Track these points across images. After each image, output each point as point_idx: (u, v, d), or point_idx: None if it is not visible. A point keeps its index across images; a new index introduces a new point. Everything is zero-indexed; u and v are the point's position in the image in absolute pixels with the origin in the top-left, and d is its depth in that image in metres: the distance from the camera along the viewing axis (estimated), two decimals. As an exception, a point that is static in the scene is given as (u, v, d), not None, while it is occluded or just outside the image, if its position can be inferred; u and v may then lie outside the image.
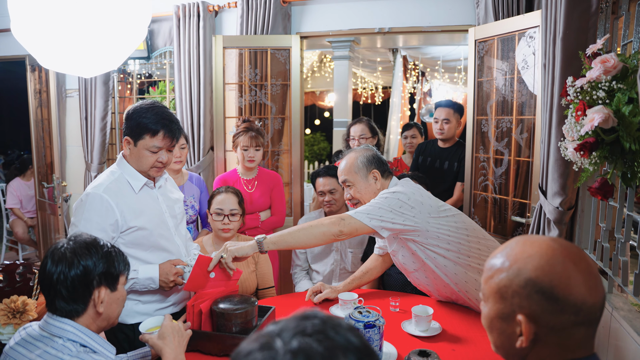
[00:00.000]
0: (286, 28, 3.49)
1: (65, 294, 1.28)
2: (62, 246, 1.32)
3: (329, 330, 0.59)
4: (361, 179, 2.06)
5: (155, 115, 1.77)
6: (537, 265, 0.86)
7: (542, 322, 0.85)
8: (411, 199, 1.92)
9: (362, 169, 2.06)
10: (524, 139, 2.86)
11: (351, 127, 3.26)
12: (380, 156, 2.13)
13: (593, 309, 0.85)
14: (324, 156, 10.99)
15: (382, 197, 1.95)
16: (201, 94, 3.56)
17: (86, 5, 2.05)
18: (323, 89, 9.78)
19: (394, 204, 1.90)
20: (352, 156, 2.10)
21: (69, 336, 1.27)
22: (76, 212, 1.77)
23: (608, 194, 1.59)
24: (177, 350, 1.45)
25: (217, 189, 2.46)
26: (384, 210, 1.88)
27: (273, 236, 1.89)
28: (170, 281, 1.86)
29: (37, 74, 4.16)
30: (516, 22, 2.79)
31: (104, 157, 4.00)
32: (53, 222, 4.03)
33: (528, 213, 2.80)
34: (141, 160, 1.82)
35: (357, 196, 2.08)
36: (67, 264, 1.28)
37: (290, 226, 3.46)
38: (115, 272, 1.35)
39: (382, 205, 1.90)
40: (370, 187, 2.06)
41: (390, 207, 1.89)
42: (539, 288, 0.85)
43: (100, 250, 1.33)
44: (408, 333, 1.84)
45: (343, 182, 2.11)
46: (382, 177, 2.08)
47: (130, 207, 1.80)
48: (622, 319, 1.84)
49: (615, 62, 1.55)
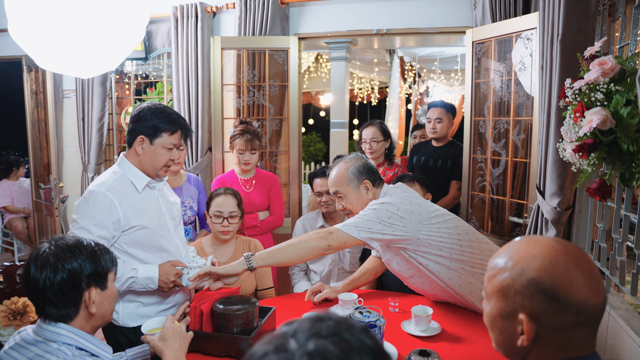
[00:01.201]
0: (284, 29, 3.50)
1: (54, 299, 1.24)
2: (44, 251, 1.27)
3: (344, 332, 0.60)
4: (353, 190, 2.05)
5: (170, 114, 1.87)
6: (540, 265, 0.87)
7: (543, 322, 0.86)
8: (400, 209, 1.91)
9: (353, 180, 2.04)
10: (521, 140, 2.88)
11: (363, 130, 3.27)
12: (371, 165, 2.11)
13: (594, 309, 0.86)
14: (320, 157, 11.00)
15: (371, 208, 1.93)
16: (199, 94, 3.56)
17: (84, 5, 2.05)
18: (319, 90, 9.78)
19: (383, 215, 1.88)
20: (342, 167, 2.08)
21: (64, 340, 1.25)
22: (78, 209, 1.77)
23: (606, 195, 1.61)
24: (179, 352, 1.45)
25: (216, 191, 2.45)
26: (373, 222, 1.87)
27: (262, 253, 1.88)
28: (171, 282, 1.86)
29: (33, 74, 4.14)
30: (513, 23, 2.81)
31: (101, 158, 3.99)
32: (50, 223, 4.01)
33: (525, 213, 2.82)
34: (156, 158, 1.86)
35: (349, 207, 2.06)
36: (52, 269, 1.23)
37: (289, 226, 3.50)
38: (103, 271, 1.32)
39: (370, 217, 1.89)
40: (361, 197, 2.05)
41: (379, 218, 1.88)
42: (541, 288, 0.86)
43: (84, 251, 1.29)
44: (408, 333, 1.85)
45: (334, 194, 2.09)
46: (374, 186, 2.06)
47: (132, 206, 1.82)
48: (620, 318, 1.86)
49: (613, 64, 1.57)
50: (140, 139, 1.85)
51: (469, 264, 1.95)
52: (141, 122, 1.84)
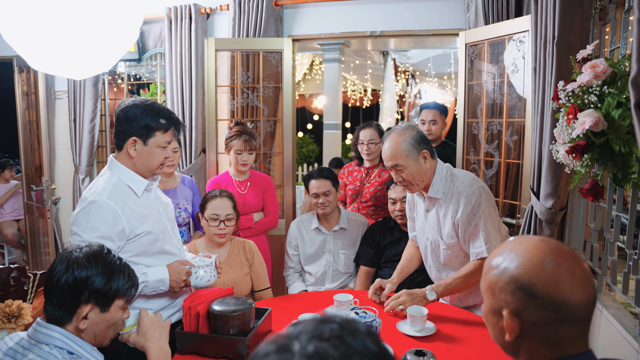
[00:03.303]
0: (278, 31, 3.50)
1: (54, 299, 1.25)
2: (72, 250, 1.29)
3: (347, 336, 0.59)
4: (413, 161, 1.97)
5: (162, 111, 1.78)
6: (520, 263, 0.90)
7: (524, 318, 0.89)
8: (486, 189, 2.00)
9: (413, 151, 1.98)
10: (513, 141, 2.91)
11: (360, 132, 3.28)
12: (424, 135, 2.06)
13: (575, 307, 0.87)
14: (313, 158, 11.00)
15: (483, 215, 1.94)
16: (193, 96, 3.55)
17: (77, 6, 2.04)
18: (312, 92, 9.81)
19: (492, 213, 1.97)
20: (398, 139, 1.99)
21: (55, 343, 1.23)
22: (78, 221, 1.67)
23: (599, 195, 1.63)
24: (161, 342, 1.42)
25: (211, 193, 2.43)
26: (494, 230, 1.96)
27: (440, 286, 2.02)
28: (182, 281, 1.81)
29: (25, 75, 4.10)
30: (506, 26, 2.84)
31: (93, 159, 3.96)
32: (42, 225, 3.98)
33: (518, 214, 2.84)
34: (151, 158, 1.78)
35: (409, 179, 2.00)
36: (65, 269, 1.24)
37: (283, 228, 3.49)
38: (111, 293, 1.28)
39: (490, 227, 1.95)
40: (421, 167, 1.99)
41: (492, 221, 1.96)
42: (520, 285, 0.89)
43: (101, 263, 1.27)
44: (403, 333, 1.86)
45: (393, 167, 2.01)
46: (431, 157, 2.02)
47: (135, 212, 1.74)
48: (612, 316, 1.88)
49: (605, 67, 1.59)
50: (133, 141, 1.75)
51: None
52: (131, 122, 1.74)
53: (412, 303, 1.96)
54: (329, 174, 2.83)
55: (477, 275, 1.89)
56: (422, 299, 1.98)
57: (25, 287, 1.76)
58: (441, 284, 2.00)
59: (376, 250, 2.76)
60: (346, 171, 3.42)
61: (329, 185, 2.78)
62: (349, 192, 3.33)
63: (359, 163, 3.36)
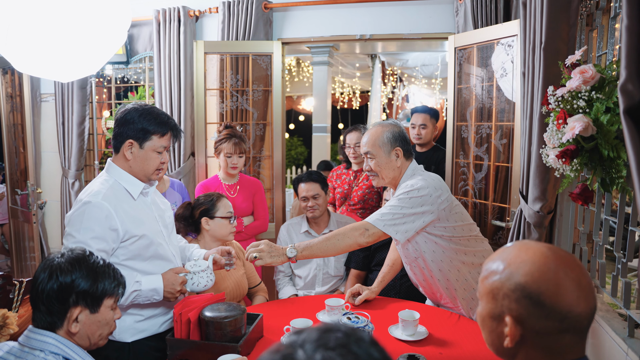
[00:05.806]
0: (268, 34, 3.49)
1: (42, 306, 1.24)
2: (54, 257, 1.29)
3: (352, 345, 0.59)
4: (384, 154, 2.04)
5: (159, 115, 1.79)
6: (528, 271, 0.89)
7: (527, 326, 0.89)
8: (429, 186, 1.96)
9: (386, 145, 2.04)
10: (502, 144, 2.93)
11: (347, 135, 3.29)
12: (405, 135, 2.11)
13: (579, 317, 0.87)
14: (302, 161, 10.98)
15: (399, 197, 1.94)
16: (182, 99, 3.53)
17: (64, 8, 2.01)
18: (300, 94, 9.80)
19: (413, 202, 1.92)
20: (379, 130, 2.08)
21: (51, 349, 1.22)
22: (73, 221, 1.67)
23: (589, 200, 1.65)
24: None
25: (214, 195, 2.42)
26: (402, 216, 1.92)
27: (303, 245, 1.91)
28: (177, 291, 1.78)
29: (9, 77, 4.04)
30: (495, 30, 2.87)
31: (82, 163, 3.91)
32: (27, 230, 3.90)
33: (507, 217, 2.87)
34: (147, 162, 1.78)
35: (377, 170, 2.06)
36: (48, 277, 1.24)
37: (273, 231, 3.48)
38: (98, 293, 1.28)
39: (399, 209, 1.91)
40: (390, 163, 2.05)
41: (410, 207, 1.91)
42: (527, 293, 0.88)
43: (84, 267, 1.27)
44: (396, 338, 1.86)
45: (365, 154, 2.09)
46: (404, 156, 2.07)
47: (130, 215, 1.73)
48: (601, 318, 1.91)
49: (593, 73, 1.61)
50: (129, 144, 1.75)
51: (470, 254, 2.01)
52: (128, 125, 1.74)
53: (269, 255, 1.88)
54: (318, 177, 2.83)
55: (339, 236, 1.90)
56: (281, 255, 1.90)
57: (10, 296, 1.72)
58: (303, 243, 1.95)
59: (367, 253, 2.76)
60: (335, 174, 3.42)
61: (318, 189, 2.78)
62: (338, 195, 3.33)
63: (348, 166, 3.37)
